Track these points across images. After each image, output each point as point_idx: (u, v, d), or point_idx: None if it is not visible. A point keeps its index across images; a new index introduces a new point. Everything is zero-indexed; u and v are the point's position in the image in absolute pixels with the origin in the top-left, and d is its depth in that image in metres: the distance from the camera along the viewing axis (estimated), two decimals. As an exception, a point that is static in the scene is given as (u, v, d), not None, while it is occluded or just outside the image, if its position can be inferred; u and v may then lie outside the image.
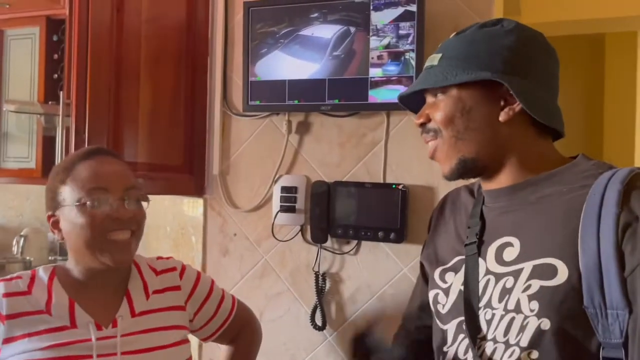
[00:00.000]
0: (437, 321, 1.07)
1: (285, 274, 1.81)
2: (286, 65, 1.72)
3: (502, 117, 0.95)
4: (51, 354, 1.06)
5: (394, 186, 1.64)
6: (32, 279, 1.13)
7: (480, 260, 0.99)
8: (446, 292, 1.05)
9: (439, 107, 0.98)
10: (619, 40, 3.87)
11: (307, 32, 1.70)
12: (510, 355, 0.91)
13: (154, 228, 1.99)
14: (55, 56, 1.84)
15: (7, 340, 1.06)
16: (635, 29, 3.59)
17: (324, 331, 1.74)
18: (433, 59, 1.00)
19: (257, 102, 1.76)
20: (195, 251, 1.93)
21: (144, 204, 1.15)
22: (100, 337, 1.10)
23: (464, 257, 1.03)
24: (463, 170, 0.99)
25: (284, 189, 1.78)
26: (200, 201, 1.92)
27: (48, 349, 1.06)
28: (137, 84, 1.73)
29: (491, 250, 0.99)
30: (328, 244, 1.74)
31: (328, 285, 1.75)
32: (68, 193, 1.10)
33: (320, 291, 1.73)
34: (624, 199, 0.85)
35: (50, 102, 1.79)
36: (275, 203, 1.79)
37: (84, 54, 1.57)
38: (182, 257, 1.93)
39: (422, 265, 1.19)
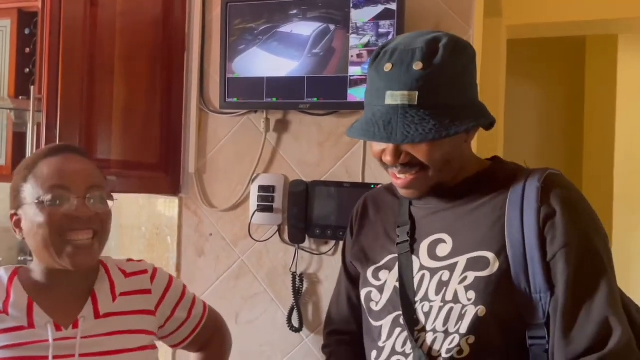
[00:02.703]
0: (370, 319, 1.10)
1: (262, 275, 1.78)
2: (264, 62, 1.69)
3: (467, 140, 1.04)
4: (6, 354, 1.03)
5: (372, 186, 1.61)
6: None
7: (414, 257, 1.06)
8: (380, 289, 1.09)
9: (430, 149, 0.98)
10: (600, 43, 3.89)
11: (286, 29, 1.67)
12: (451, 343, 0.97)
13: (128, 228, 1.95)
14: (27, 50, 1.78)
15: None
16: (616, 32, 3.63)
17: (301, 333, 1.71)
18: (410, 98, 0.94)
19: (235, 100, 1.73)
20: (171, 252, 1.89)
21: (110, 202, 1.11)
22: (59, 338, 1.06)
23: (395, 255, 1.08)
24: (431, 192, 1.04)
25: (262, 188, 1.75)
26: (175, 200, 1.88)
27: (2, 349, 1.03)
28: (111, 79, 1.69)
29: (423, 247, 1.05)
30: (306, 244, 1.71)
31: (305, 286, 1.72)
32: (29, 191, 1.06)
33: (297, 292, 1.71)
34: (543, 195, 0.97)
35: (21, 97, 1.74)
36: (253, 202, 1.76)
37: (56, 47, 1.53)
38: (157, 258, 1.89)
39: (346, 266, 1.24)
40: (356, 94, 1.59)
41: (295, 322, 1.70)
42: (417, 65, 0.94)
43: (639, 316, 0.99)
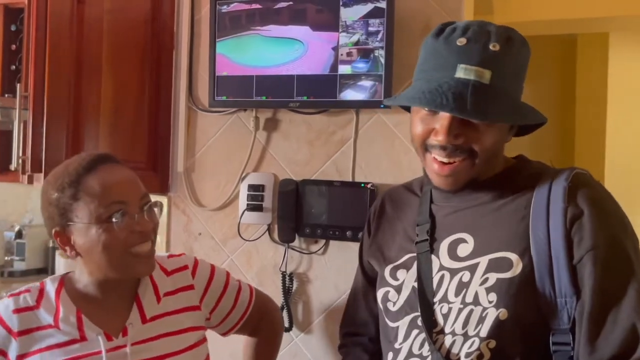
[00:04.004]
0: (386, 319, 1.08)
1: (252, 274, 1.77)
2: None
3: (507, 138, 1.01)
4: None
5: (363, 185, 1.61)
6: (41, 292, 1.11)
7: (433, 256, 1.02)
8: (398, 289, 1.06)
9: (486, 134, 0.95)
10: (591, 41, 3.90)
11: (275, 27, 1.65)
12: (470, 346, 0.94)
13: (117, 226, 1.93)
14: (13, 47, 1.76)
15: (21, 357, 1.05)
16: (607, 30, 3.62)
17: (291, 332, 1.71)
18: (484, 75, 0.91)
19: (224, 98, 1.72)
20: (159, 251, 1.87)
21: (156, 210, 1.12)
22: (111, 348, 1.07)
23: (414, 254, 1.05)
24: (465, 186, 1.01)
25: (251, 187, 1.74)
26: (164, 199, 1.87)
27: None
28: (99, 78, 1.67)
29: (444, 247, 1.02)
30: (296, 243, 1.70)
31: (295, 285, 1.71)
32: (83, 209, 1.04)
33: (287, 292, 1.70)
34: (570, 195, 0.93)
35: (7, 95, 1.72)
36: (242, 201, 1.75)
37: (43, 44, 1.52)
38: (146, 256, 1.87)
39: (363, 266, 1.21)
40: (346, 93, 1.59)
41: (285, 322, 1.69)
42: (494, 46, 0.92)
43: None
